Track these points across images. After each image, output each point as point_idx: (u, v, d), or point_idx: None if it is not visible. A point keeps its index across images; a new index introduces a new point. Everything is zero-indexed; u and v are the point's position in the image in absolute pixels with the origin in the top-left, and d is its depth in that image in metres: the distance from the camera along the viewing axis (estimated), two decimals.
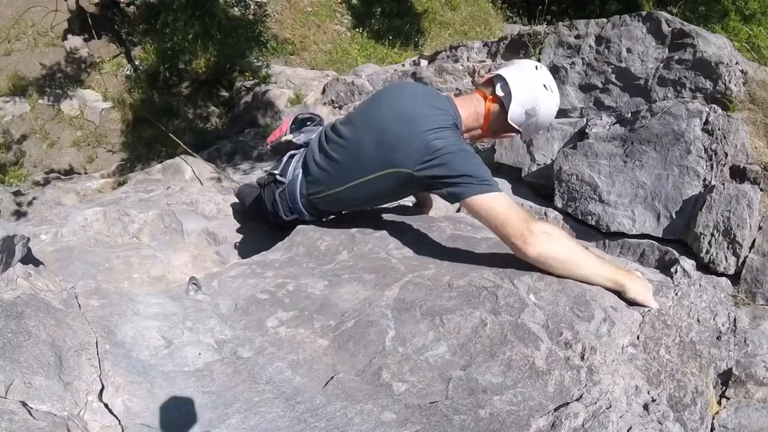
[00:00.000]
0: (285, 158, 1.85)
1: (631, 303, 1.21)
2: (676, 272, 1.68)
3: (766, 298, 1.62)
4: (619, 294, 1.22)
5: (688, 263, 1.72)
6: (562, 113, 2.69)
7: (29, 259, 1.22)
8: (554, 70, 2.76)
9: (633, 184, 2.04)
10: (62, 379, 0.93)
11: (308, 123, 1.98)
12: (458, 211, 2.23)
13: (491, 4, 8.59)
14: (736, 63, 2.16)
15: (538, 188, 2.50)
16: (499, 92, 1.55)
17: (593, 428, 0.85)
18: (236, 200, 2.57)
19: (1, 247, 1.07)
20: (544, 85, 1.55)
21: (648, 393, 0.97)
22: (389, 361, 1.06)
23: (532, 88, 1.54)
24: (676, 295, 1.28)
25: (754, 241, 1.71)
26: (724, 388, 1.13)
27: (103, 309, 1.20)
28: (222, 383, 1.03)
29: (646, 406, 0.92)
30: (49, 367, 0.93)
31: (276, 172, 1.82)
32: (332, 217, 1.88)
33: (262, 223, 2.12)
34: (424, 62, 4.60)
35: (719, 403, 1.09)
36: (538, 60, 2.85)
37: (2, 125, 5.03)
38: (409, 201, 2.12)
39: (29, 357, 0.93)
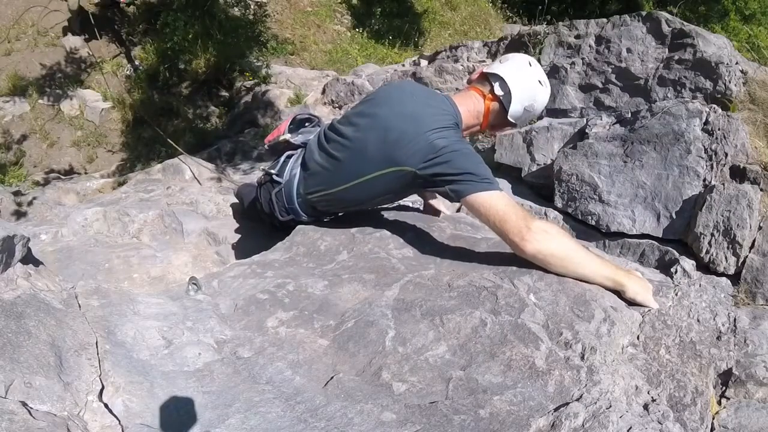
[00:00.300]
0: (282, 158, 1.85)
1: (631, 303, 1.21)
2: (676, 272, 1.68)
3: (766, 298, 1.62)
4: (619, 294, 1.23)
5: (688, 263, 1.72)
6: (562, 113, 2.70)
7: (29, 259, 1.22)
8: (554, 70, 2.75)
9: (633, 184, 2.04)
10: (62, 379, 0.93)
11: (307, 124, 1.98)
12: (458, 210, 2.23)
13: (491, 4, 8.59)
14: (736, 63, 2.16)
15: (538, 188, 2.50)
16: (499, 91, 1.57)
17: (593, 428, 0.85)
18: (236, 200, 2.57)
19: (1, 247, 1.07)
20: (539, 81, 1.61)
21: (648, 393, 0.97)
22: (389, 361, 1.06)
23: (530, 85, 1.59)
24: (676, 295, 1.28)
25: (754, 241, 1.71)
26: (724, 388, 1.13)
27: (103, 309, 1.20)
28: (222, 383, 1.03)
29: (646, 406, 0.92)
30: (49, 367, 0.93)
31: (273, 171, 1.82)
32: (328, 218, 1.88)
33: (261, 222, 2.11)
34: (424, 62, 4.59)
35: (719, 403, 1.09)
36: (539, 60, 2.85)
37: (2, 125, 5.03)
38: (409, 201, 2.12)
39: (29, 357, 0.93)
